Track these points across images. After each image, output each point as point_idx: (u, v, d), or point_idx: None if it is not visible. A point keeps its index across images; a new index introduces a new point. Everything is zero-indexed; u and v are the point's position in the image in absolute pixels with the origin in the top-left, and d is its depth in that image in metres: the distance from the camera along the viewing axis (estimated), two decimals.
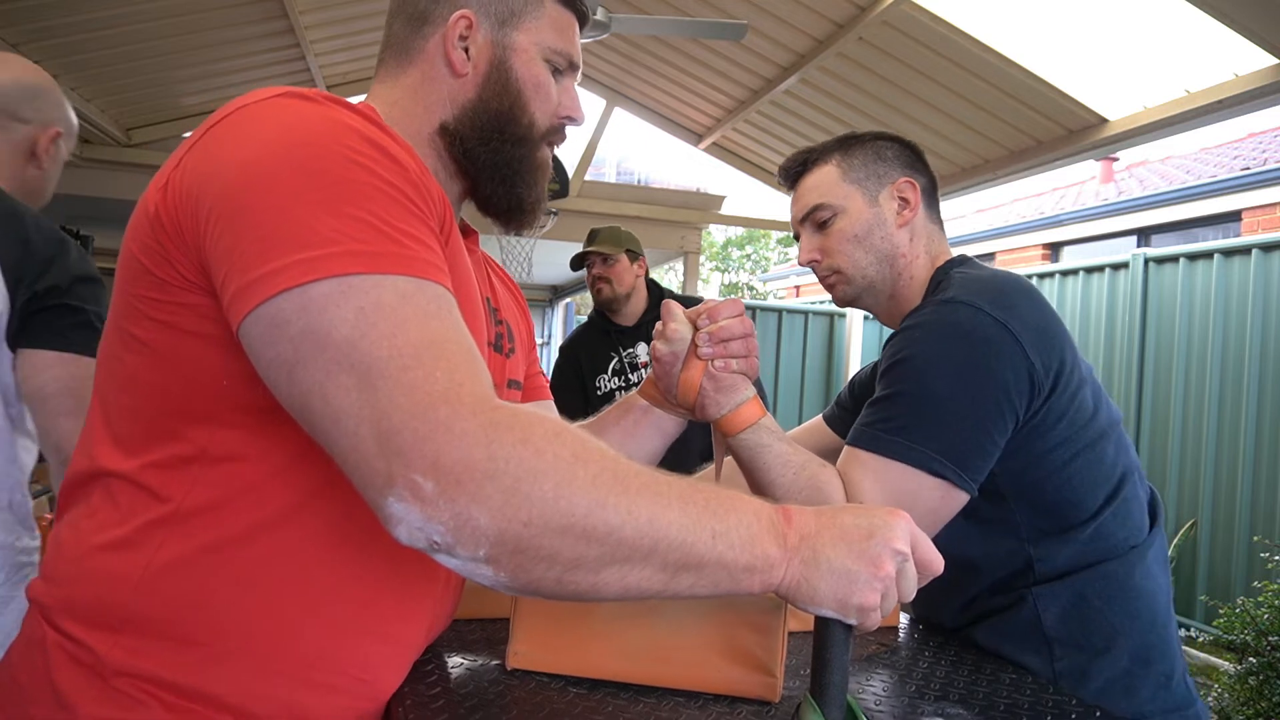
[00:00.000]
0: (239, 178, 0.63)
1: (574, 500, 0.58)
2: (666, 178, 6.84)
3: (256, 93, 0.71)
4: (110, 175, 4.93)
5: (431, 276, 0.64)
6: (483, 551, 0.57)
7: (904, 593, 0.67)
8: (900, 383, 1.04)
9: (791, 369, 6.55)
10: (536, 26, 0.87)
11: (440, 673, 0.86)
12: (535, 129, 0.89)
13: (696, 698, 0.85)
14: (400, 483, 0.56)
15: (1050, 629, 1.07)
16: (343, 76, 5.16)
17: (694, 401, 1.01)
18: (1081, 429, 1.07)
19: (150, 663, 0.68)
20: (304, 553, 0.71)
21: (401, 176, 0.67)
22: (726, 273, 22.29)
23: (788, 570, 0.66)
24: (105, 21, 3.57)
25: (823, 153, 1.24)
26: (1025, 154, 4.13)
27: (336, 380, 0.58)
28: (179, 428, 0.70)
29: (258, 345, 0.61)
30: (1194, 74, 3.12)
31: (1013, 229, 9.53)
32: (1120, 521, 1.09)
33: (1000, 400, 1.01)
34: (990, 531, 1.10)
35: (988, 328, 1.02)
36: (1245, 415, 4.07)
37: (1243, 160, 7.73)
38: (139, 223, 0.69)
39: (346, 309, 0.59)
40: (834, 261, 1.21)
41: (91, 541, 0.71)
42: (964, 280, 1.10)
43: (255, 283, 0.60)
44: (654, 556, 0.61)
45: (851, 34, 3.73)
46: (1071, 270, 5.24)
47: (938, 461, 1.00)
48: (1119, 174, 10.30)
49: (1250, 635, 3.02)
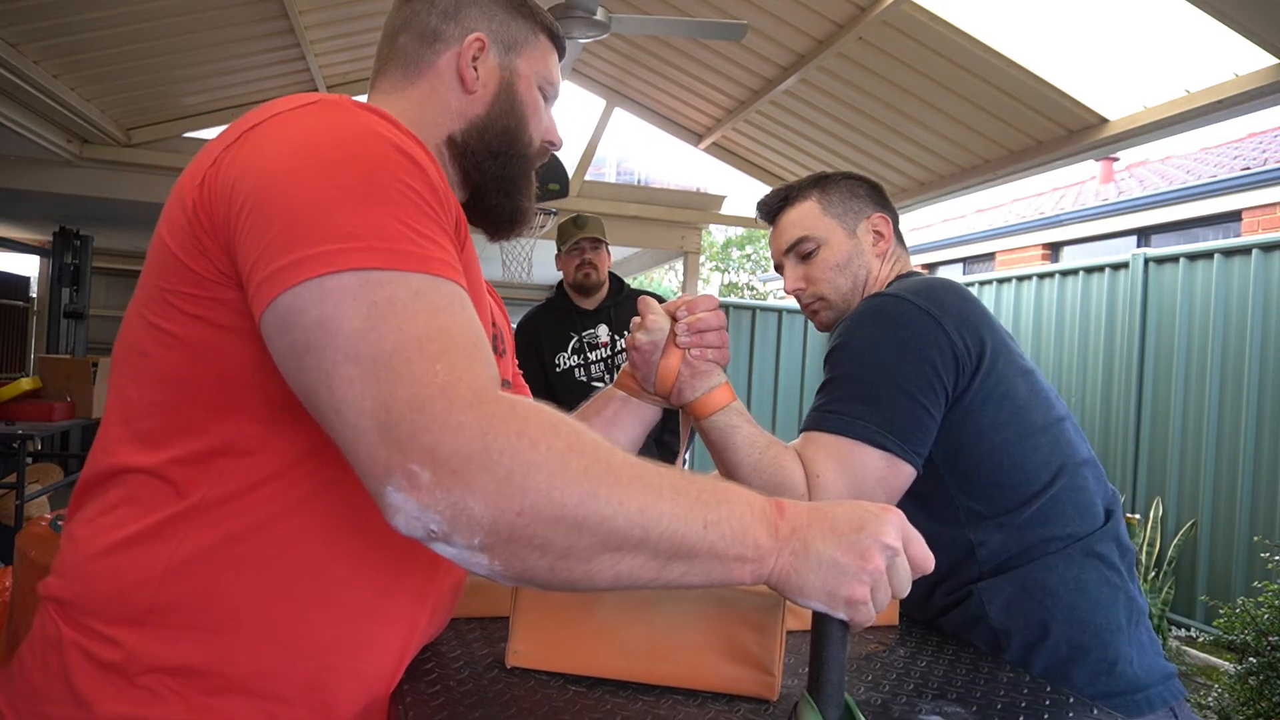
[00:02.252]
0: (271, 174, 0.67)
1: (566, 491, 0.59)
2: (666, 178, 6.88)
3: (293, 99, 0.74)
4: (110, 175, 4.93)
5: (447, 275, 0.66)
6: (477, 540, 0.59)
7: (896, 587, 0.67)
8: (837, 367, 1.16)
9: (791, 369, 6.55)
10: (535, 56, 0.97)
11: (440, 671, 0.87)
12: (532, 147, 0.97)
13: (695, 696, 0.85)
14: (398, 472, 0.58)
15: (995, 620, 1.14)
16: (343, 76, 5.17)
17: (671, 388, 1.09)
18: (1014, 416, 1.15)
19: (174, 650, 0.69)
20: (320, 539, 0.73)
21: (424, 183, 0.70)
22: (726, 273, 22.29)
23: (778, 561, 0.67)
24: (105, 21, 3.57)
25: (800, 190, 1.35)
26: (1025, 154, 4.13)
27: (342, 370, 0.60)
28: (205, 422, 0.71)
29: (274, 333, 0.64)
30: (1194, 74, 3.12)
31: (1013, 229, 9.52)
32: (1058, 513, 1.16)
33: (928, 374, 1.11)
34: (934, 515, 1.17)
35: (909, 312, 1.14)
36: (1245, 415, 4.07)
37: (1243, 160, 7.73)
38: (175, 218, 0.72)
39: (361, 302, 0.61)
40: (818, 289, 1.32)
41: (110, 538, 0.72)
42: (900, 284, 1.23)
43: (279, 272, 0.62)
44: (645, 545, 0.62)
45: (851, 34, 3.73)
46: (1071, 270, 5.24)
47: (879, 434, 1.09)
48: (1119, 174, 10.30)
49: (1250, 635, 3.02)
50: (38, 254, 7.49)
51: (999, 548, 1.15)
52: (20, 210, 6.27)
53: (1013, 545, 1.15)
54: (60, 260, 6.31)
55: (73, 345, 6.35)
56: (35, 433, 3.93)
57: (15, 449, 3.90)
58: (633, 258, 7.79)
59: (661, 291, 17.44)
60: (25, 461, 3.91)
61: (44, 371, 4.63)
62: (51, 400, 4.40)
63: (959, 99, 3.92)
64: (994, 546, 1.15)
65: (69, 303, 6.33)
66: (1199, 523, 4.28)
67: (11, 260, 8.24)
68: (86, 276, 6.44)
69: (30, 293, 7.94)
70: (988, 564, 1.16)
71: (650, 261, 7.85)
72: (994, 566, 1.15)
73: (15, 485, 3.78)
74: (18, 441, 3.84)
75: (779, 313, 6.60)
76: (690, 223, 6.10)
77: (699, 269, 6.35)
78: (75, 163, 4.78)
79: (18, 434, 3.83)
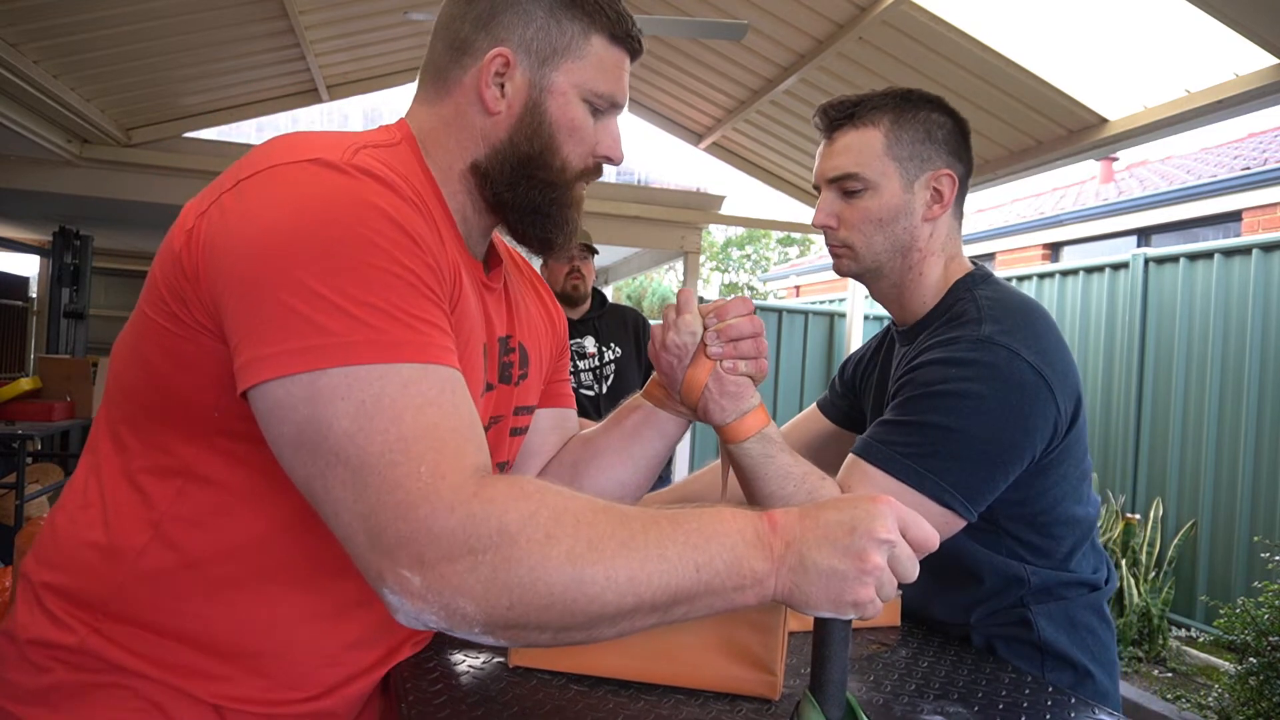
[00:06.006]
0: (260, 246, 0.66)
1: (550, 580, 0.61)
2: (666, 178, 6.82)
3: (288, 148, 0.72)
4: (110, 175, 4.92)
5: (439, 359, 0.67)
6: (477, 629, 0.62)
7: (902, 575, 0.67)
8: (930, 414, 1.02)
9: (791, 369, 6.55)
10: (578, 67, 0.84)
11: (443, 670, 0.87)
12: (567, 171, 0.87)
13: (697, 695, 0.85)
14: (390, 577, 0.61)
15: (1046, 641, 1.12)
16: (343, 76, 5.16)
17: (697, 401, 0.98)
18: (1075, 467, 1.11)
19: (125, 640, 0.74)
20: (278, 579, 0.77)
21: (418, 259, 0.69)
22: (726, 273, 22.29)
23: (778, 580, 0.66)
24: (105, 21, 3.57)
25: (873, 110, 1.15)
26: (1025, 154, 4.13)
27: (334, 471, 0.62)
28: (171, 444, 0.75)
29: (264, 417, 0.65)
30: (1194, 74, 3.12)
31: (1013, 229, 9.52)
32: (1087, 563, 1.16)
33: (1024, 446, 1.03)
34: (981, 542, 1.12)
35: (1025, 374, 1.02)
36: (1245, 415, 4.07)
37: (1243, 160, 7.72)
38: (165, 258, 0.73)
39: (350, 402, 0.62)
40: (849, 236, 1.15)
41: (85, 536, 0.76)
42: (992, 309, 1.09)
43: (267, 359, 0.63)
44: (641, 607, 0.63)
45: (851, 34, 3.73)
46: (1071, 270, 5.24)
47: (949, 494, 1.00)
48: (1119, 174, 10.29)
49: (1250, 635, 3.02)
50: (38, 254, 7.48)
51: (1052, 579, 1.13)
52: (20, 210, 6.26)
53: (1066, 579, 1.13)
54: (60, 260, 6.30)
55: (72, 345, 6.34)
56: (35, 433, 3.93)
57: (15, 449, 3.90)
58: (633, 258, 7.79)
59: (661, 292, 17.41)
60: (25, 461, 3.91)
61: (44, 371, 4.63)
62: (51, 400, 4.39)
63: (959, 99, 3.91)
64: (1047, 577, 1.12)
65: (69, 303, 6.32)
66: (1199, 523, 4.28)
67: (11, 260, 8.24)
68: (86, 276, 6.43)
69: (30, 293, 7.93)
70: (1036, 592, 1.12)
71: (650, 261, 7.84)
72: (1041, 594, 1.13)
73: (15, 485, 3.79)
74: (17, 441, 3.84)
75: (779, 313, 6.60)
76: (690, 223, 6.09)
77: (699, 269, 6.35)
78: (75, 163, 4.77)
79: (17, 434, 3.83)
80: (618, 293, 13.32)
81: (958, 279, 1.17)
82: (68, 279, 6.30)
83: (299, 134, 0.74)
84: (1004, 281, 1.19)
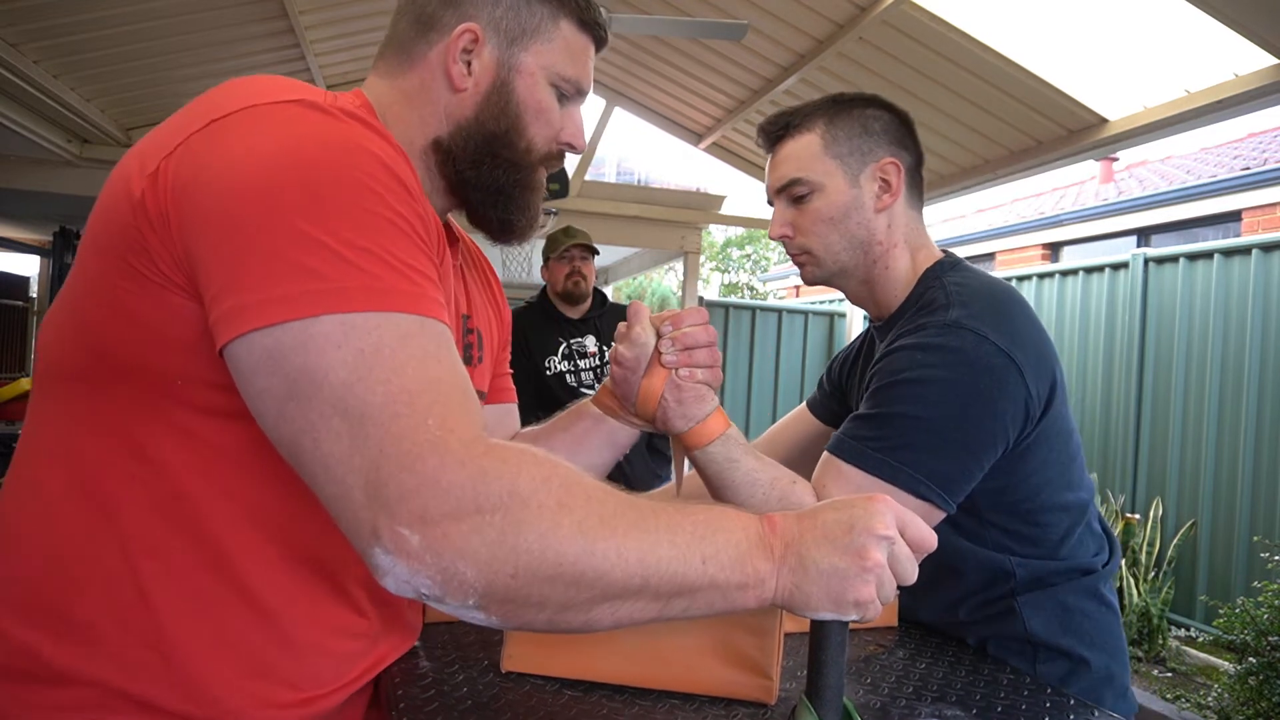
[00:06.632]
0: (245, 186, 0.61)
1: (561, 550, 0.58)
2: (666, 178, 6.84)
3: (262, 89, 0.67)
4: None
5: (434, 313, 0.63)
6: (472, 600, 0.58)
7: (901, 576, 0.66)
8: (898, 403, 1.02)
9: (791, 369, 6.54)
10: (547, 49, 0.84)
11: (435, 675, 0.86)
12: (532, 153, 0.86)
13: (692, 700, 0.85)
14: (386, 535, 0.56)
15: (1036, 634, 1.11)
16: (343, 76, 5.15)
17: (654, 412, 0.97)
18: (1059, 452, 1.10)
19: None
20: (237, 568, 0.70)
21: (409, 206, 0.66)
22: (726, 273, 22.27)
23: (779, 581, 0.65)
24: (105, 21, 3.57)
25: (806, 117, 1.16)
26: (1025, 154, 4.12)
27: (329, 424, 0.58)
28: (122, 423, 0.68)
29: (247, 371, 0.60)
30: (1194, 74, 3.11)
31: (1013, 229, 9.51)
32: (1082, 547, 1.14)
33: (995, 431, 1.02)
34: (966, 535, 1.12)
35: (992, 357, 1.00)
36: (1245, 415, 4.07)
37: (1243, 160, 7.72)
38: (117, 205, 0.66)
39: (347, 350, 0.58)
40: (806, 242, 1.16)
41: (29, 522, 0.71)
42: (960, 293, 1.08)
43: (252, 307, 0.59)
44: (645, 591, 0.61)
45: (851, 34, 3.73)
46: (1071, 270, 5.24)
47: (924, 485, 0.99)
48: (1119, 174, 10.28)
49: (1250, 635, 3.01)
50: (38, 254, 7.48)
51: (1040, 569, 1.11)
52: (20, 210, 6.26)
53: (1054, 567, 1.12)
54: (60, 260, 6.30)
55: None
56: None
57: (14, 449, 3.90)
58: (633, 258, 7.78)
59: (661, 292, 17.42)
60: None
61: None
62: None
63: (959, 99, 3.91)
64: (1034, 568, 1.11)
65: None
66: (1199, 523, 4.28)
67: (11, 260, 8.23)
68: None
69: (30, 293, 7.93)
70: (1023, 583, 1.12)
71: (650, 261, 7.83)
72: (1029, 585, 1.12)
73: None
74: (17, 441, 3.84)
75: (779, 313, 6.60)
76: (690, 223, 6.09)
77: (699, 269, 6.34)
78: (75, 163, 4.77)
79: (17, 434, 3.83)
80: (618, 293, 13.33)
81: (927, 268, 1.17)
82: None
83: (260, 77, 0.70)
84: (974, 267, 1.18)
